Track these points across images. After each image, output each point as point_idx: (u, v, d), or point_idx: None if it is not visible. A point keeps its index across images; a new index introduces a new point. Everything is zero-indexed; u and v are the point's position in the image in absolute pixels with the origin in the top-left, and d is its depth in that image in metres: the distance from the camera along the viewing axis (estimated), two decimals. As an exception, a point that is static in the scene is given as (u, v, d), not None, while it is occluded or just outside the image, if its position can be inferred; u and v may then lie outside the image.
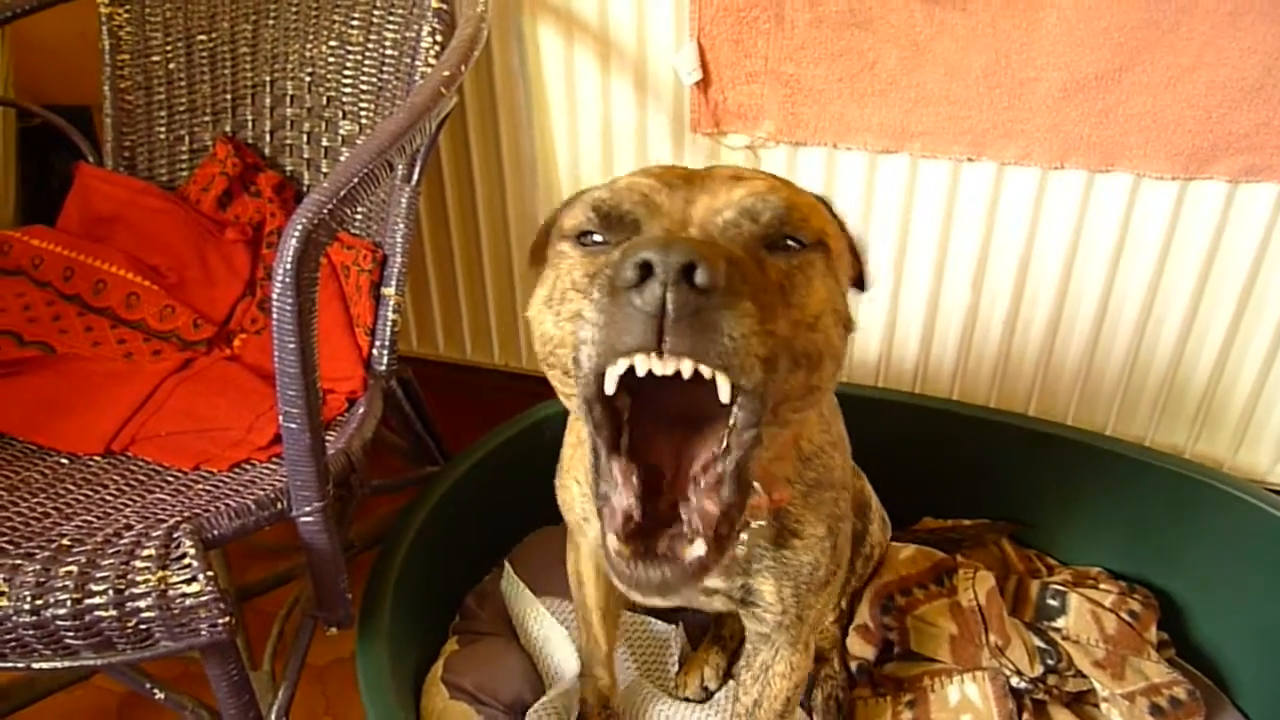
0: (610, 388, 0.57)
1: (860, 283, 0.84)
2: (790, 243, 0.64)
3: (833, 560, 0.92)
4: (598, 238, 0.66)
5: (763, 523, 0.84)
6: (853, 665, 1.30)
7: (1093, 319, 1.44)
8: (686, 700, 1.32)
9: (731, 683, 1.35)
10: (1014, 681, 1.26)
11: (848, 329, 0.70)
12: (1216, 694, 1.33)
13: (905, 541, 1.46)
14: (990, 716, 1.21)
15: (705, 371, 0.55)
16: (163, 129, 1.54)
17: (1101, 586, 1.41)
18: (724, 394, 0.56)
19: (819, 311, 0.64)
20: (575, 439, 0.99)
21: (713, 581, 0.91)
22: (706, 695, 1.33)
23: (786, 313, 0.61)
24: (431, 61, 1.30)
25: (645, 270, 0.53)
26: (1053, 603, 1.37)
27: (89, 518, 1.01)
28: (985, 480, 1.52)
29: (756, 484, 0.76)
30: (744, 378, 0.56)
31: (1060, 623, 1.35)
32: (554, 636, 1.32)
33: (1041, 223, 1.40)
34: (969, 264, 1.46)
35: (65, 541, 0.94)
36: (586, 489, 0.94)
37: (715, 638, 1.36)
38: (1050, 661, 1.27)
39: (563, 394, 0.70)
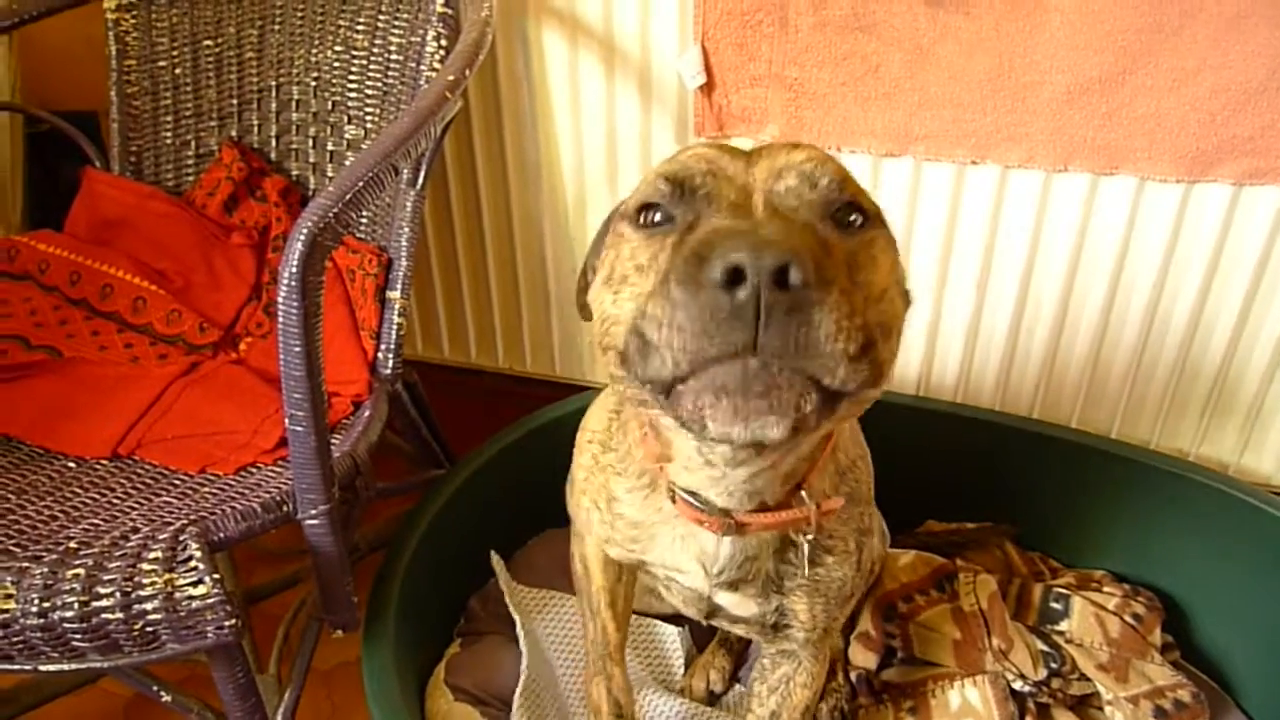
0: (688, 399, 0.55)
1: None
2: (852, 215, 0.62)
3: (858, 574, 0.91)
4: (657, 216, 0.63)
5: (812, 538, 0.81)
6: (853, 675, 1.30)
7: (1097, 322, 1.44)
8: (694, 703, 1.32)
9: (738, 686, 1.35)
10: (1017, 685, 1.26)
11: (907, 302, 0.69)
12: (1221, 697, 1.33)
13: (909, 545, 1.46)
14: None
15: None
16: (169, 134, 1.54)
17: (1105, 589, 1.40)
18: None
19: (885, 286, 0.62)
20: (591, 461, 0.93)
21: (747, 608, 0.89)
22: (713, 698, 1.33)
23: (858, 291, 0.58)
24: (436, 66, 1.30)
25: (736, 274, 0.50)
26: (1056, 606, 1.37)
27: (96, 521, 1.02)
28: (989, 483, 1.52)
29: (805, 494, 0.76)
30: (836, 379, 0.54)
31: (1064, 626, 1.35)
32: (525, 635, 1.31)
33: (1045, 226, 1.40)
34: (973, 267, 1.46)
35: (72, 544, 0.94)
36: (608, 516, 0.91)
37: (722, 640, 1.36)
38: (1054, 665, 1.27)
39: (613, 376, 0.65)
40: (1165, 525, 1.41)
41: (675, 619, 1.39)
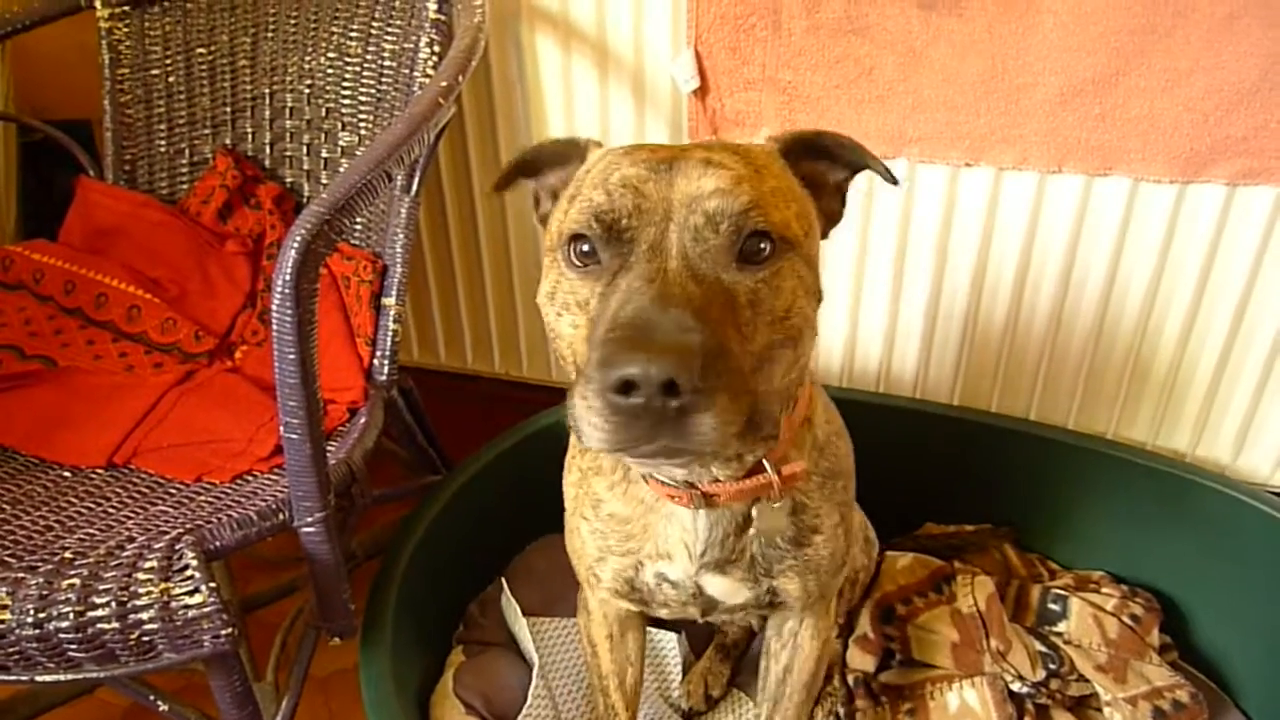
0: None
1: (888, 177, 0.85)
2: (760, 245, 0.69)
3: (845, 543, 0.94)
4: (585, 248, 0.71)
5: (779, 504, 0.84)
6: (851, 679, 1.30)
7: (1092, 323, 1.44)
8: (692, 710, 1.32)
9: (735, 691, 1.35)
10: (1016, 686, 1.26)
11: (818, 299, 0.76)
12: (1219, 697, 1.33)
13: (907, 547, 1.46)
14: (991, 721, 1.22)
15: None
16: (163, 142, 1.54)
17: (1103, 590, 1.40)
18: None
19: (789, 303, 0.71)
20: (577, 475, 0.97)
21: (740, 595, 0.91)
22: (711, 704, 1.32)
23: (759, 320, 0.68)
24: (430, 72, 1.30)
25: (630, 385, 0.59)
26: (1054, 607, 1.37)
27: (91, 530, 1.01)
28: (987, 485, 1.52)
29: (767, 463, 0.81)
30: (724, 451, 0.66)
31: (1062, 627, 1.35)
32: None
33: (1040, 227, 1.40)
34: (968, 269, 1.46)
35: (68, 554, 0.94)
36: (597, 524, 0.93)
37: (719, 646, 1.36)
38: (1052, 666, 1.27)
39: (565, 368, 0.76)
40: (1163, 526, 1.41)
41: (672, 625, 1.39)
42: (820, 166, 0.83)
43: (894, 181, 0.85)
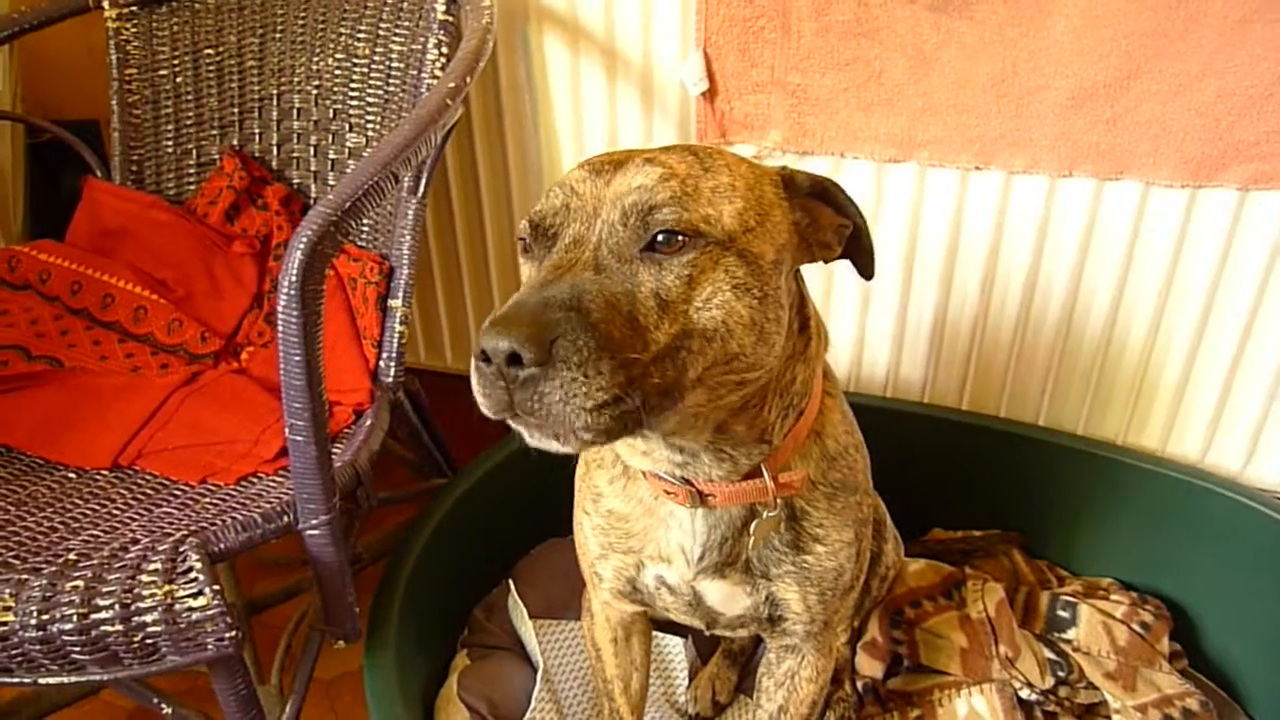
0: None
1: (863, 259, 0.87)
2: (676, 238, 0.71)
3: (857, 565, 0.92)
4: (526, 241, 0.77)
5: (773, 513, 0.84)
6: (860, 684, 1.29)
7: (1102, 329, 1.43)
8: (698, 715, 1.31)
9: (742, 696, 1.34)
10: (1024, 693, 1.25)
11: (758, 298, 0.75)
12: (1229, 704, 1.32)
13: (915, 554, 1.45)
14: (1001, 729, 1.21)
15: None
16: (170, 143, 1.54)
17: (1113, 597, 1.40)
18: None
19: (708, 294, 0.72)
20: (584, 469, 0.98)
21: (738, 601, 0.91)
22: (718, 710, 1.32)
23: (670, 309, 0.70)
24: (437, 73, 1.30)
25: (486, 355, 0.64)
26: (1063, 614, 1.36)
27: (96, 532, 1.01)
28: (995, 491, 1.51)
29: (763, 468, 0.82)
30: (570, 437, 0.67)
31: (1071, 634, 1.34)
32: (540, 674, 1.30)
33: (1050, 232, 1.39)
34: (977, 273, 1.45)
35: (72, 556, 0.94)
36: (598, 519, 0.94)
37: (726, 652, 1.35)
38: (1061, 673, 1.26)
39: None
40: (1173, 533, 1.40)
41: (679, 630, 1.38)
42: (819, 205, 0.83)
43: (868, 274, 0.87)
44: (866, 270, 0.87)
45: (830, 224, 0.83)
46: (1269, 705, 1.29)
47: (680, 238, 0.71)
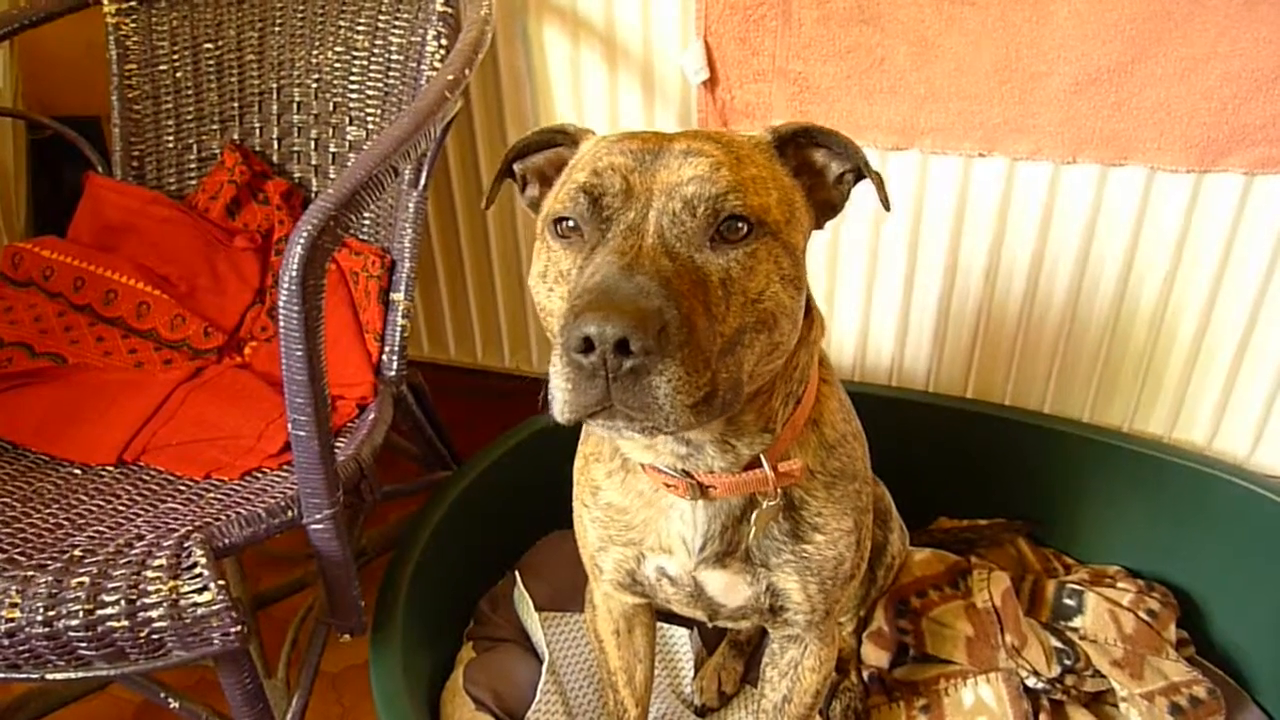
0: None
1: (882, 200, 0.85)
2: (737, 226, 0.71)
3: (858, 554, 0.92)
4: (571, 224, 0.73)
5: (773, 502, 0.84)
6: (866, 674, 1.29)
7: (1108, 315, 1.42)
8: (704, 706, 1.31)
9: (748, 687, 1.34)
10: (1031, 682, 1.25)
11: (797, 287, 0.76)
12: (1237, 692, 1.31)
13: (921, 543, 1.44)
14: (1005, 718, 1.20)
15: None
16: (171, 138, 1.54)
17: (1119, 585, 1.39)
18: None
19: (763, 286, 0.72)
20: (582, 462, 0.98)
21: (739, 593, 0.90)
22: (724, 700, 1.32)
23: (732, 300, 0.70)
24: (437, 65, 1.29)
25: (589, 342, 0.61)
26: (1070, 602, 1.35)
27: (101, 528, 1.01)
28: (1001, 479, 1.51)
29: (763, 458, 0.82)
30: (671, 426, 0.65)
31: (1077, 622, 1.33)
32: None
33: (1055, 218, 1.38)
34: (982, 261, 1.44)
35: (77, 552, 0.94)
36: (597, 511, 0.94)
37: (731, 642, 1.35)
38: (1068, 661, 1.26)
39: None
40: (1179, 520, 1.39)
41: (684, 620, 1.38)
42: (818, 155, 0.83)
43: (883, 197, 0.85)
44: (883, 201, 0.85)
45: (834, 173, 0.83)
46: (1276, 692, 1.29)
47: (742, 225, 0.71)
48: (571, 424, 0.67)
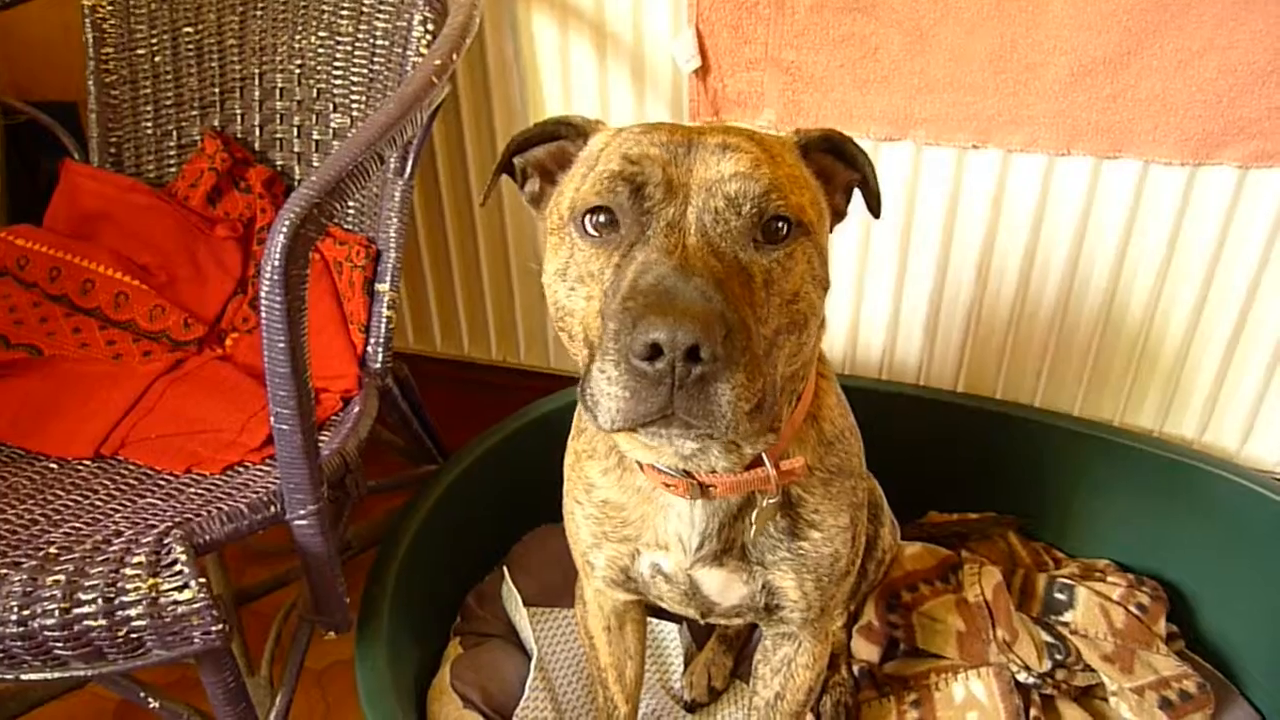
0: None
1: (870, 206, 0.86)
2: (778, 225, 0.70)
3: (853, 550, 0.91)
4: (602, 219, 0.70)
5: (773, 499, 0.82)
6: (856, 669, 1.28)
7: (1100, 309, 1.42)
8: (694, 702, 1.30)
9: (738, 682, 1.33)
10: (1022, 676, 1.24)
11: (824, 288, 0.76)
12: (1227, 686, 1.31)
13: (912, 537, 1.44)
14: (996, 713, 1.20)
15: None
16: (150, 124, 1.50)
17: (1110, 579, 1.39)
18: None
19: (798, 287, 0.71)
20: (574, 459, 0.96)
21: (735, 590, 0.89)
22: (714, 695, 1.31)
23: (772, 301, 0.69)
24: (423, 50, 1.27)
25: (656, 348, 0.59)
26: (1060, 596, 1.35)
27: (78, 524, 0.99)
28: (991, 473, 1.50)
29: (766, 458, 0.80)
30: (729, 433, 0.63)
31: (1068, 617, 1.33)
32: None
33: (1048, 210, 1.37)
34: (974, 253, 1.43)
35: (53, 549, 0.92)
36: (590, 509, 0.92)
37: (721, 637, 1.34)
38: (1058, 656, 1.26)
39: (572, 352, 0.75)
40: (1169, 514, 1.39)
41: (673, 616, 1.37)
42: (833, 161, 0.84)
43: (876, 212, 0.87)
44: (874, 210, 0.86)
45: (842, 181, 0.84)
46: (1266, 686, 1.29)
47: (783, 224, 0.70)
48: (617, 431, 0.65)
